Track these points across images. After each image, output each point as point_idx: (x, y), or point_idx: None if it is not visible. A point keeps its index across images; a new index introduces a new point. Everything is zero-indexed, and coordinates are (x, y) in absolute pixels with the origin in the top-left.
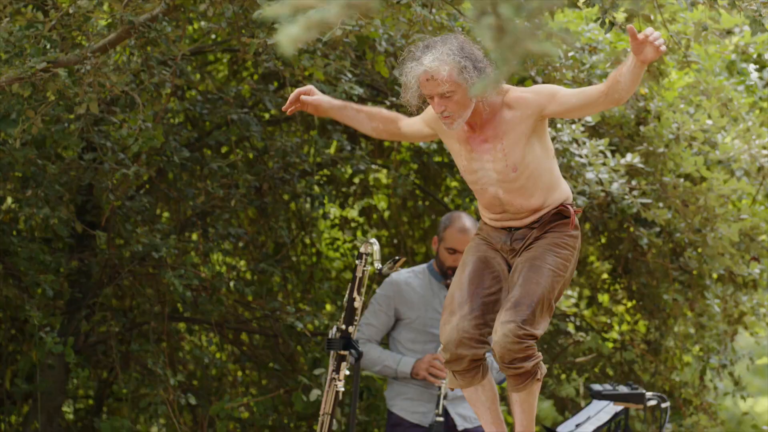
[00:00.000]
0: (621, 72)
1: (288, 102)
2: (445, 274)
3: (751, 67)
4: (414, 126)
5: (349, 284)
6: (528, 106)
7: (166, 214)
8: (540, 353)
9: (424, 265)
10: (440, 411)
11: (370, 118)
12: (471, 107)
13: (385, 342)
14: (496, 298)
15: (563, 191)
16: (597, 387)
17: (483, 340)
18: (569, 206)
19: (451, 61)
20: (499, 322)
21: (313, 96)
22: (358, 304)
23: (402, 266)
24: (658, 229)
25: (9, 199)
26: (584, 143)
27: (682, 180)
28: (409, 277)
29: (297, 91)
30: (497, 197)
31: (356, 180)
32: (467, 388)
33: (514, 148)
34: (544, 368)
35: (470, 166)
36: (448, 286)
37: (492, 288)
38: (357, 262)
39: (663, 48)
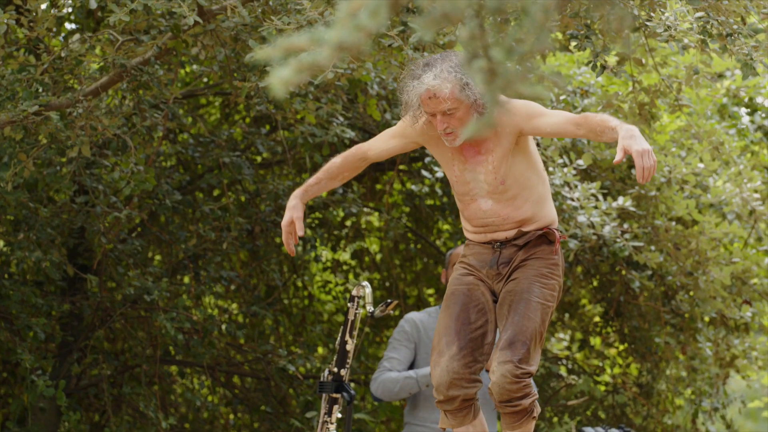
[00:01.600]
0: (603, 132)
1: (288, 243)
2: None
3: (743, 110)
4: (388, 145)
5: (341, 327)
6: (507, 124)
7: (158, 257)
8: (536, 391)
9: (437, 306)
10: None
11: (332, 177)
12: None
13: None
14: (483, 331)
15: (552, 212)
16: (589, 430)
17: (474, 379)
18: (555, 230)
19: (453, 79)
20: (495, 363)
21: (298, 216)
22: (350, 346)
23: (394, 309)
24: (650, 272)
25: (1, 242)
26: (576, 186)
27: (673, 223)
28: (423, 317)
29: (288, 230)
30: (483, 209)
31: (348, 223)
32: (459, 428)
33: (501, 164)
34: (539, 407)
35: (463, 177)
36: None
37: (478, 322)
38: (349, 305)
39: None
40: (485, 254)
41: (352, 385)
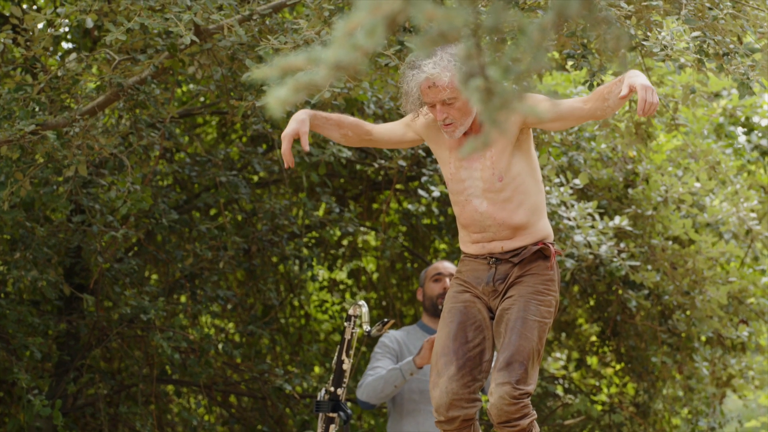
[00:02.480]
0: (610, 91)
1: (287, 157)
2: (436, 310)
3: (739, 130)
4: (392, 130)
5: (338, 346)
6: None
7: (154, 277)
8: (534, 411)
9: (414, 324)
10: None
11: (339, 125)
12: (472, 115)
13: (384, 406)
14: (481, 349)
15: (547, 225)
16: None
17: (474, 398)
18: (550, 245)
19: (453, 68)
20: (493, 384)
21: (305, 130)
22: (346, 366)
23: (391, 328)
24: (646, 291)
25: None
26: (572, 206)
27: (670, 243)
28: (401, 334)
29: (289, 141)
30: (479, 211)
31: (345, 242)
32: None
33: (501, 157)
34: (537, 426)
35: (458, 175)
36: None
37: (476, 340)
38: (346, 324)
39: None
40: (481, 271)
41: (349, 404)
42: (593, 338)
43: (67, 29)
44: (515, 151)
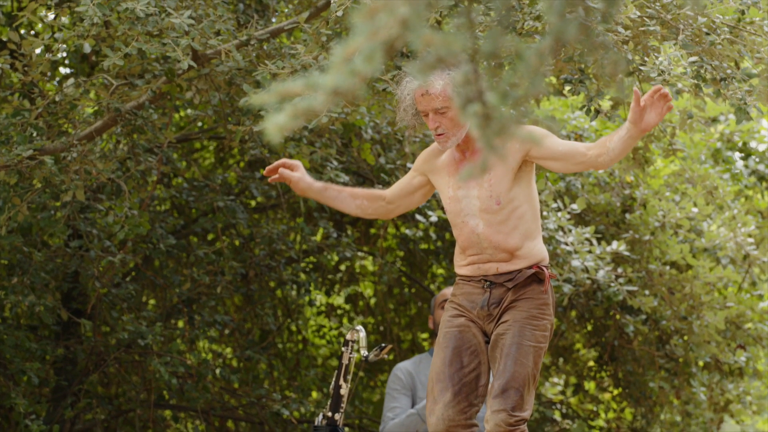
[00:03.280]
0: (612, 139)
1: (270, 167)
2: None
3: (736, 155)
4: (402, 184)
5: (336, 371)
6: (516, 141)
7: (152, 302)
8: None
9: (426, 353)
10: None
11: (354, 196)
12: (465, 128)
13: None
14: (477, 374)
15: (542, 248)
16: None
17: (471, 424)
18: (544, 268)
19: (446, 76)
20: (489, 411)
21: (295, 172)
22: (344, 391)
23: (388, 353)
24: (644, 316)
25: None
26: (570, 231)
27: (668, 267)
28: (412, 365)
29: (283, 160)
30: (476, 232)
31: (342, 267)
32: None
33: (500, 181)
34: None
35: (456, 195)
36: None
37: (471, 364)
38: (343, 349)
39: (671, 105)
40: (475, 294)
41: (347, 429)
42: (591, 363)
43: (64, 54)
44: (515, 180)
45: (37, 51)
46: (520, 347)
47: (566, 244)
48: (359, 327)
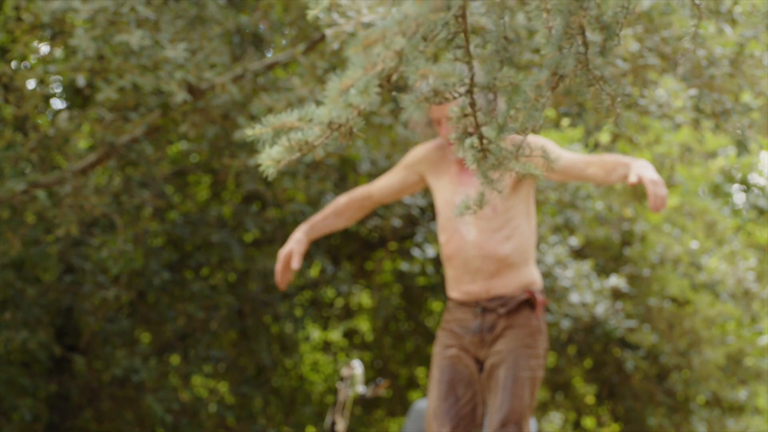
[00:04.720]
0: (615, 169)
1: (280, 277)
2: None
3: (736, 188)
4: (390, 181)
5: (331, 407)
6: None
7: (146, 337)
8: None
9: None
10: None
11: (338, 214)
12: None
13: None
14: (472, 405)
15: (534, 271)
16: None
17: None
18: (536, 293)
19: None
20: None
21: (295, 257)
22: (340, 427)
23: (384, 389)
24: (643, 352)
25: None
26: (569, 265)
27: (667, 302)
28: None
29: (283, 259)
30: (466, 240)
31: (339, 302)
32: None
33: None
34: None
35: (453, 200)
36: None
37: (466, 396)
38: (339, 385)
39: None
40: (467, 320)
41: None
42: (589, 399)
43: (58, 87)
44: (514, 190)
45: (31, 84)
46: (516, 380)
47: (565, 278)
48: (355, 363)
